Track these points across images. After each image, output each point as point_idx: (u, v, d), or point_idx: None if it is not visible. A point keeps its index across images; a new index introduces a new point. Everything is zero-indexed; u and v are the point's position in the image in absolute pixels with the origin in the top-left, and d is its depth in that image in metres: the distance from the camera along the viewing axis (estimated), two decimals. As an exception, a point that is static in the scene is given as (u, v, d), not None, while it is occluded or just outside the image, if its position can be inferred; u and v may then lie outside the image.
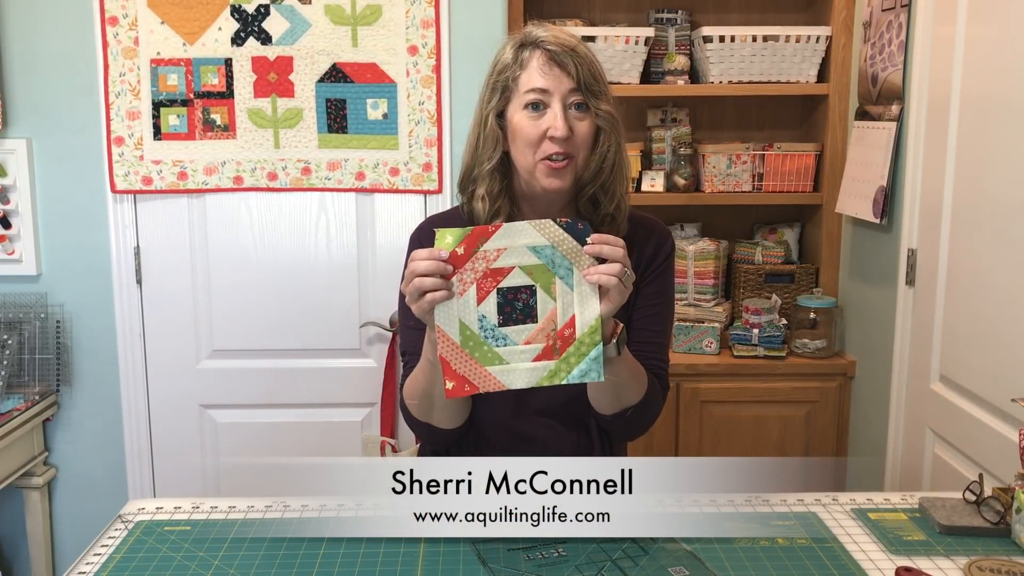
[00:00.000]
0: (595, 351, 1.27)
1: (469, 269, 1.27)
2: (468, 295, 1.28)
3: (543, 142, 1.38)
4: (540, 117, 1.38)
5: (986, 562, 1.27)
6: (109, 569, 1.28)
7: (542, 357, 1.29)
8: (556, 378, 1.28)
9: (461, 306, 1.28)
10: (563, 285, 1.28)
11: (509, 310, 1.28)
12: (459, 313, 1.28)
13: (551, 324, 1.28)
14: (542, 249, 1.27)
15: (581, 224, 1.27)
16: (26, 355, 2.52)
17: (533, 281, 1.28)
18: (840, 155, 2.75)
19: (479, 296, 1.28)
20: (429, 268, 1.25)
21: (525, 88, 1.39)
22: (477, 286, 1.27)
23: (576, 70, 1.37)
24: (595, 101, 1.39)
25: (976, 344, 1.99)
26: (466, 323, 1.28)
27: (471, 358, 1.28)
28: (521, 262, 1.27)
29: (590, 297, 1.27)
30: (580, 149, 1.40)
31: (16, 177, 2.52)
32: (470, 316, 1.28)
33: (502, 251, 1.27)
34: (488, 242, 1.27)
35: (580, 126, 1.39)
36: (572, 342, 1.28)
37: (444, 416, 1.45)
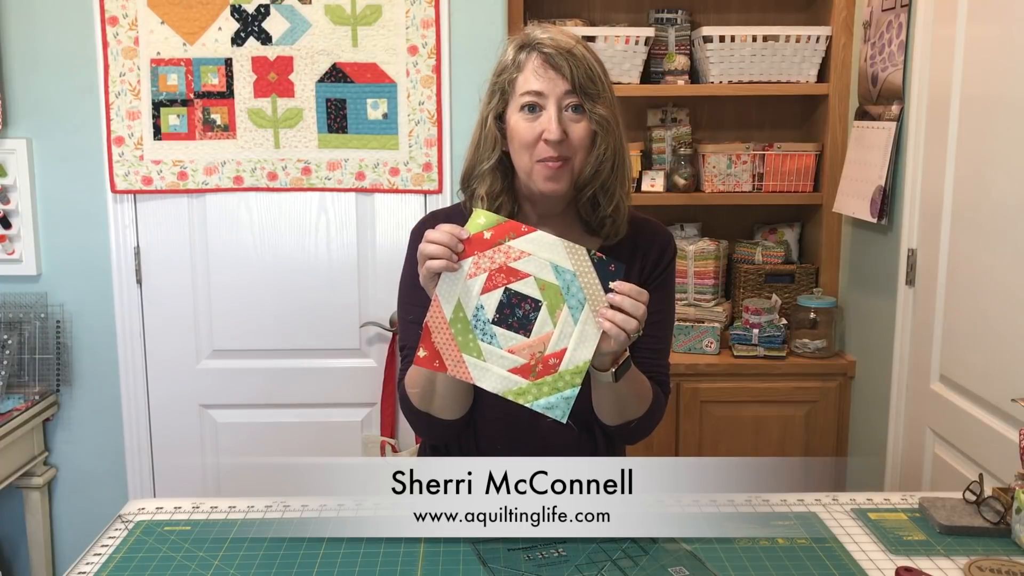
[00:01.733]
0: (570, 392, 1.27)
1: (488, 257, 1.27)
2: (476, 280, 1.27)
3: (538, 144, 1.38)
4: (535, 119, 1.38)
5: (986, 562, 1.27)
6: (109, 569, 1.28)
7: (518, 372, 1.28)
8: (522, 398, 1.28)
9: (465, 287, 1.27)
10: (568, 315, 1.27)
11: (508, 312, 1.28)
12: (460, 292, 1.27)
13: (540, 346, 1.27)
14: (563, 272, 1.26)
15: (613, 266, 1.26)
16: (26, 355, 2.52)
17: (542, 298, 1.27)
18: (840, 155, 2.74)
19: (486, 286, 1.27)
20: (444, 239, 1.26)
21: (521, 90, 1.39)
22: (488, 275, 1.27)
23: (571, 72, 1.37)
24: (591, 103, 1.38)
25: (976, 344, 1.99)
26: (463, 304, 1.28)
27: (453, 339, 1.28)
28: (538, 274, 1.27)
29: (589, 339, 1.26)
30: (576, 151, 1.39)
31: (16, 177, 2.52)
32: (469, 300, 1.28)
33: (525, 255, 1.27)
34: (516, 240, 1.26)
35: (576, 128, 1.39)
36: (552, 372, 1.27)
37: (444, 405, 1.45)
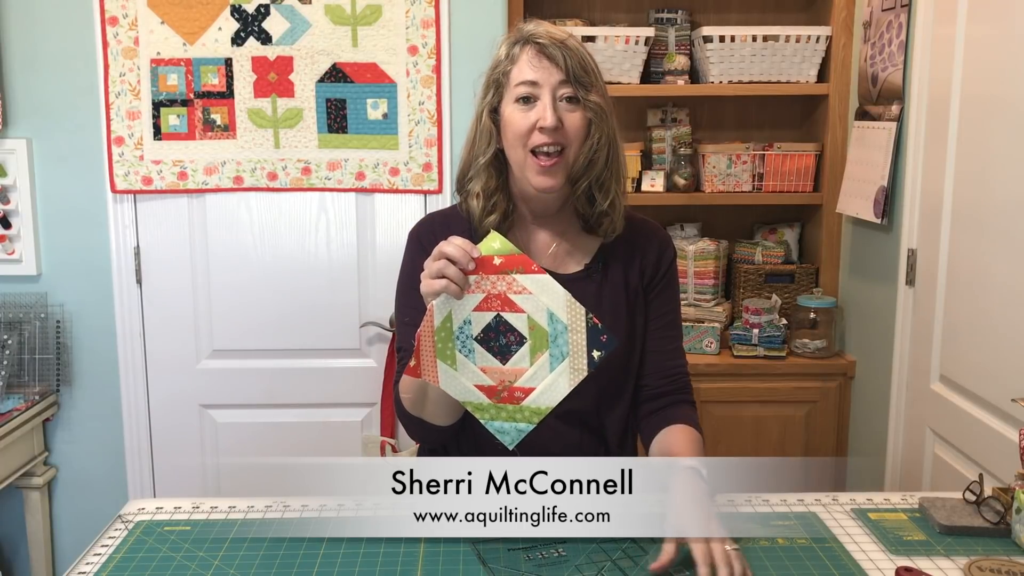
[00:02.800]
0: (524, 426, 1.30)
1: (491, 281, 1.27)
2: (473, 297, 1.28)
3: (533, 134, 1.39)
4: (530, 110, 1.39)
5: (986, 562, 1.27)
6: (109, 569, 1.28)
7: (483, 390, 1.31)
8: (479, 413, 1.32)
9: (460, 302, 1.28)
10: (547, 361, 1.29)
11: (492, 336, 1.29)
12: (454, 305, 1.28)
13: (512, 376, 1.30)
14: (557, 321, 1.28)
15: (605, 336, 1.27)
16: (26, 355, 2.52)
17: (529, 337, 1.29)
18: (840, 155, 2.75)
19: (480, 305, 1.28)
20: (457, 255, 1.25)
21: (516, 82, 1.40)
22: (486, 297, 1.28)
23: (565, 62, 1.37)
24: (584, 93, 1.39)
25: (976, 344, 1.99)
26: (453, 316, 1.29)
27: (434, 345, 1.29)
28: (533, 314, 1.28)
29: (559, 390, 1.29)
30: (571, 140, 1.40)
31: (16, 177, 2.52)
32: (460, 313, 1.29)
33: (527, 292, 1.27)
34: (524, 276, 1.27)
35: (570, 118, 1.39)
36: (515, 402, 1.30)
37: (436, 412, 1.45)
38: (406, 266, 1.54)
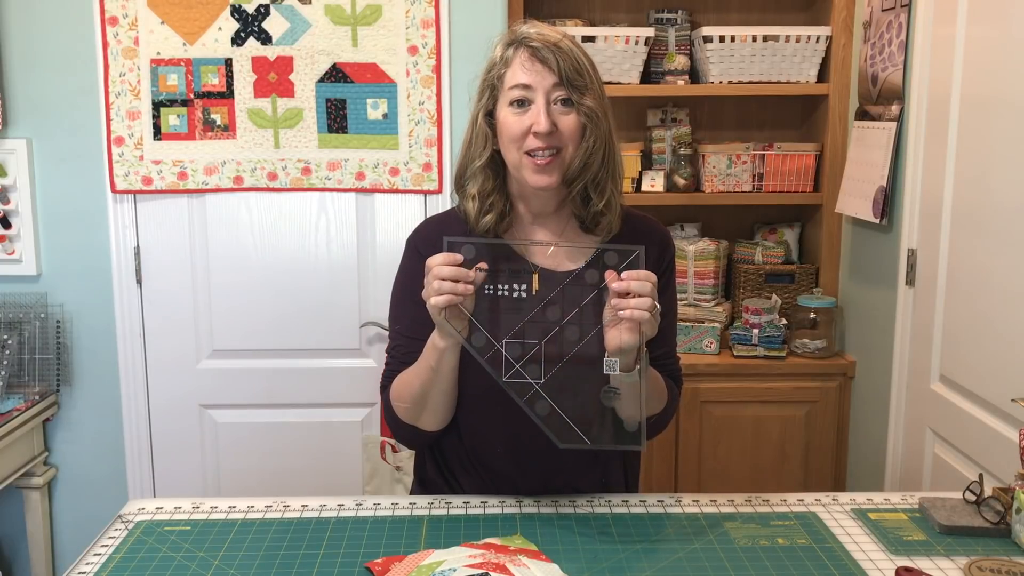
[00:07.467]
0: None
1: (494, 551, 1.24)
2: (468, 553, 1.23)
3: (527, 137, 1.39)
4: (524, 113, 1.39)
5: (986, 562, 1.27)
6: (109, 569, 1.28)
7: None
8: None
9: (454, 556, 1.23)
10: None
11: None
12: (446, 557, 1.22)
13: None
14: None
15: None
16: (26, 355, 2.52)
17: None
18: (840, 155, 2.75)
19: (471, 563, 1.20)
20: (441, 265, 1.27)
21: (509, 85, 1.40)
22: (482, 560, 1.21)
23: (559, 65, 1.37)
24: (578, 95, 1.39)
25: (976, 344, 1.99)
26: (441, 557, 1.23)
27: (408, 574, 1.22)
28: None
29: None
30: (566, 143, 1.40)
31: (16, 177, 2.52)
32: (450, 563, 1.21)
33: (525, 567, 1.21)
34: (530, 560, 1.22)
35: (565, 121, 1.39)
36: None
37: (432, 420, 1.48)
38: (400, 273, 1.57)
